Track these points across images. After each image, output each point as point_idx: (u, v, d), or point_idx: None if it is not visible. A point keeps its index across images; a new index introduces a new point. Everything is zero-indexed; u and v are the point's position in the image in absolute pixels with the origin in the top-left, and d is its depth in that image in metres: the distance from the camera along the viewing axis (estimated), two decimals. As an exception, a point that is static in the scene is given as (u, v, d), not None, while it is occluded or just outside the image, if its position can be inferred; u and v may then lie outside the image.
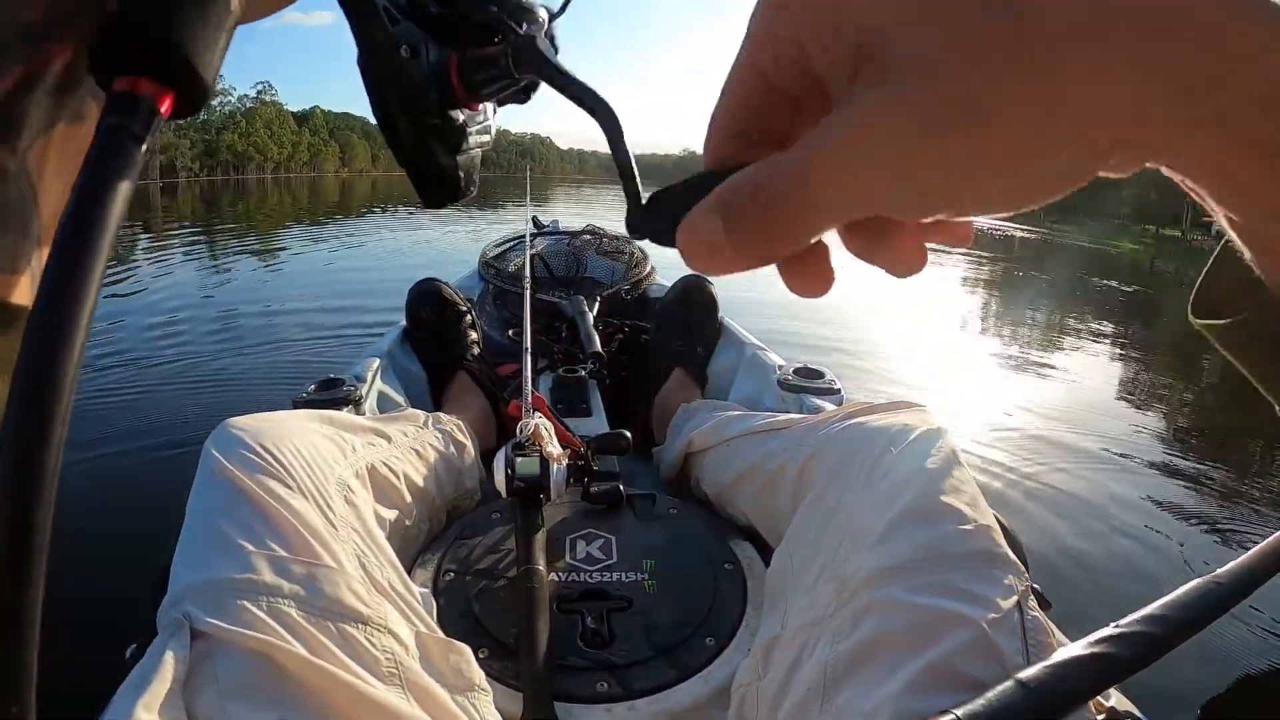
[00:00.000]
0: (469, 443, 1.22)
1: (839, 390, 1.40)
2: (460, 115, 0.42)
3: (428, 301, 1.61)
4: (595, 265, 2.31)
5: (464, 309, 1.64)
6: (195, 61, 0.22)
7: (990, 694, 0.53)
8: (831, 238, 0.23)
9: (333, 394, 1.30)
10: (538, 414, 1.11)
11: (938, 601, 0.60)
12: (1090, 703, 0.57)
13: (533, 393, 1.20)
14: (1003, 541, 0.67)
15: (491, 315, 2.13)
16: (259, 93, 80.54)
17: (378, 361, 1.46)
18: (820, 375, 1.44)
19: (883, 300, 6.59)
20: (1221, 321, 0.27)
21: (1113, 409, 4.22)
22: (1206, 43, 0.17)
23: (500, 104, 0.45)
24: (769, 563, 0.89)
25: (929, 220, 0.22)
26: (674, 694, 0.80)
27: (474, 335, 1.62)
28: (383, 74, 0.38)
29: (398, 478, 0.95)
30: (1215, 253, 0.28)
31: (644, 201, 0.27)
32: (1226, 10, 0.17)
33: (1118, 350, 6.48)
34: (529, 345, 1.37)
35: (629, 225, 0.27)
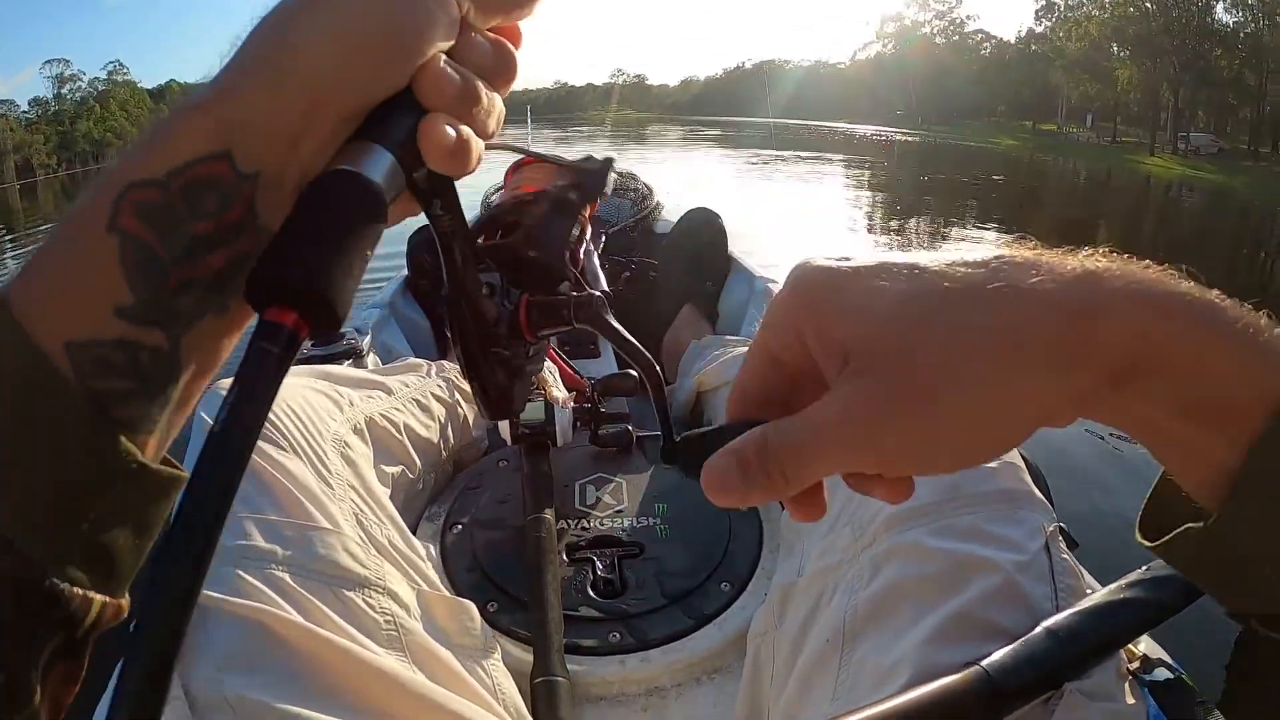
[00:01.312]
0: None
1: None
2: (523, 347, 0.48)
3: (429, 248, 1.56)
4: (600, 203, 2.24)
5: None
6: (336, 303, 0.27)
7: (1018, 643, 0.51)
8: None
9: (332, 348, 1.26)
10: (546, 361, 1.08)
11: (961, 546, 0.57)
12: (1121, 650, 0.54)
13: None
14: (1028, 479, 0.64)
15: None
16: (110, 73, 73.93)
17: (379, 313, 1.42)
18: None
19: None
20: (1164, 540, 0.30)
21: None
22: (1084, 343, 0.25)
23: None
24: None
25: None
26: (688, 643, 0.78)
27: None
28: (466, 308, 0.43)
29: (399, 430, 0.92)
30: (1153, 486, 0.32)
31: (676, 439, 0.35)
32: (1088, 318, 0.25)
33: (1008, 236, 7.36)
34: None
35: (664, 455, 0.39)
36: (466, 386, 1.15)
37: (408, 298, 1.61)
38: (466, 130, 0.32)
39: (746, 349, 1.14)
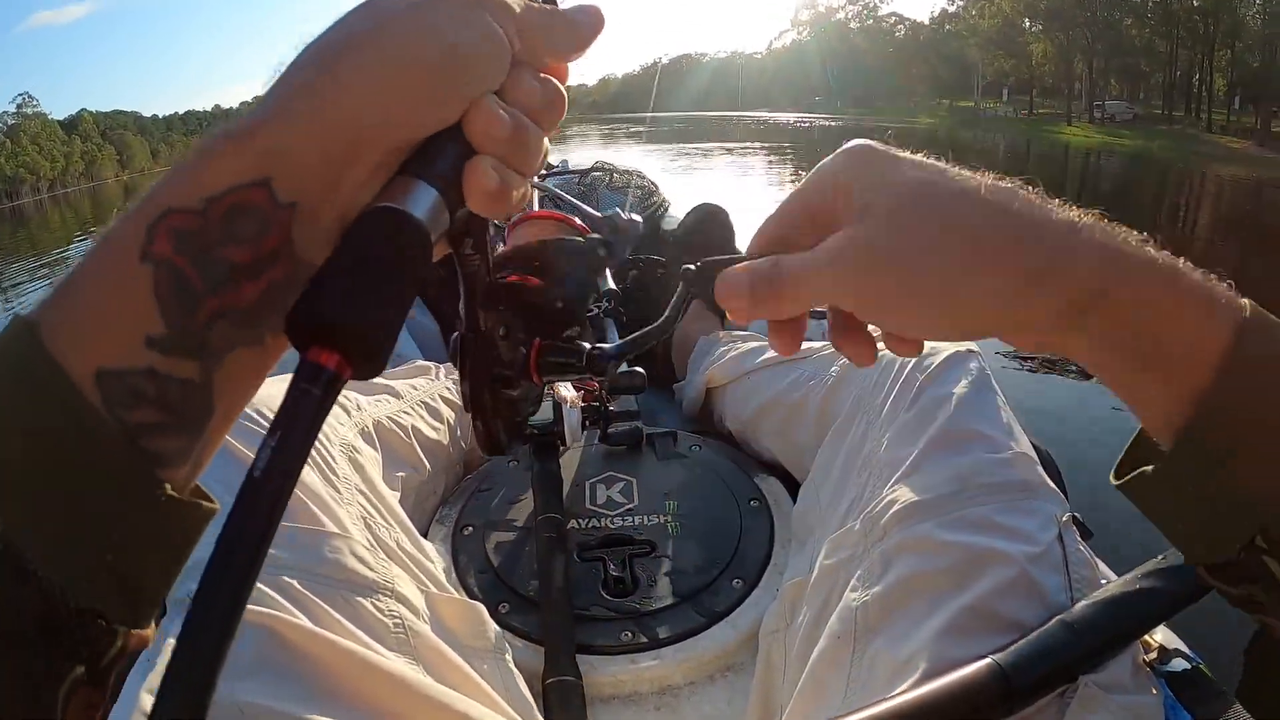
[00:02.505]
0: None
1: None
2: (526, 387, 0.48)
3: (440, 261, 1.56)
4: (606, 201, 2.23)
5: None
6: (380, 345, 0.27)
7: (1033, 636, 0.50)
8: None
9: None
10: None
11: (973, 538, 0.56)
12: (1138, 641, 0.54)
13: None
14: (1040, 469, 0.63)
15: None
16: (19, 106, 72.29)
17: None
18: None
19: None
20: (1125, 479, 0.33)
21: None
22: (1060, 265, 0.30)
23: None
24: (796, 498, 0.85)
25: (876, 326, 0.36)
26: (700, 641, 0.78)
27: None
28: (482, 350, 0.44)
29: (407, 433, 0.93)
30: (1132, 438, 0.35)
31: (697, 264, 0.39)
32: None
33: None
34: None
35: (683, 274, 0.39)
36: None
37: (418, 303, 1.61)
38: (510, 174, 0.31)
39: (756, 345, 1.14)
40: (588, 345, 0.48)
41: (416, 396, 1.01)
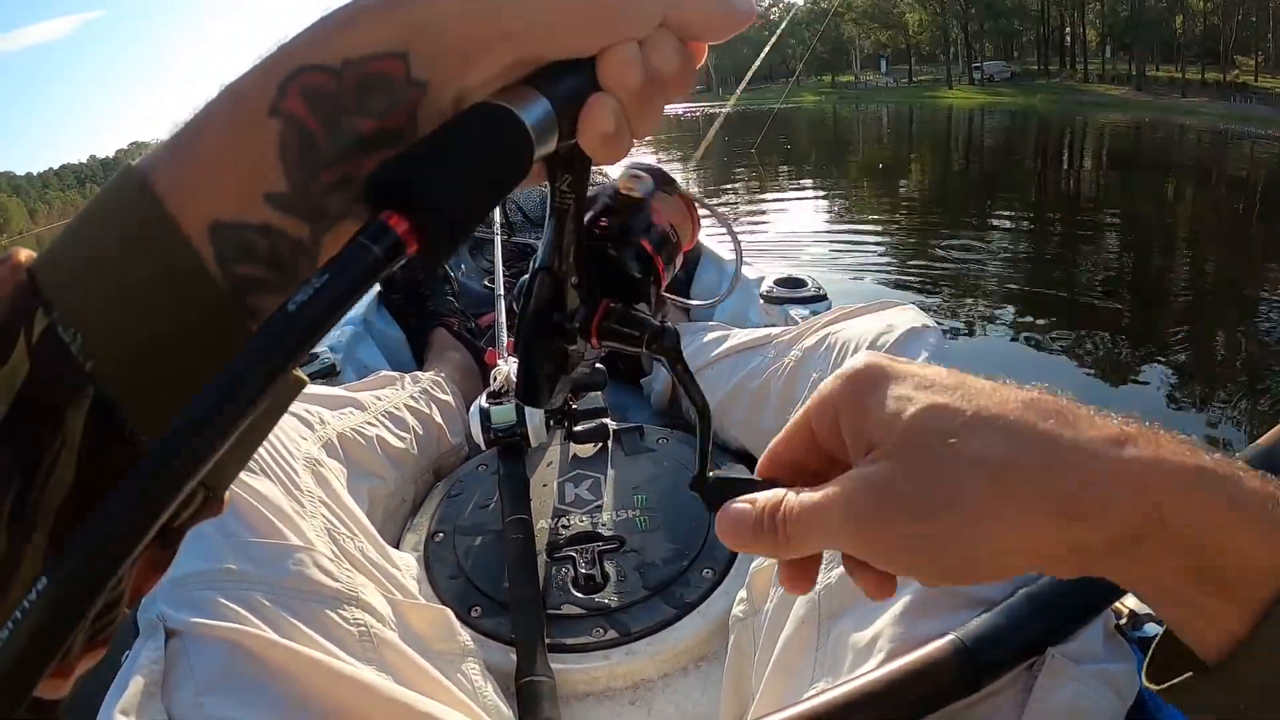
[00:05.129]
0: (451, 398, 1.18)
1: (825, 296, 1.35)
2: (582, 346, 0.47)
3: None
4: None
5: None
6: (455, 227, 0.26)
7: (995, 611, 0.50)
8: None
9: (307, 367, 1.24)
10: (512, 359, 1.06)
11: None
12: (1110, 608, 0.54)
13: (508, 339, 1.16)
14: None
15: (470, 265, 2.07)
16: None
17: (352, 329, 1.40)
18: (803, 284, 1.38)
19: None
20: (1168, 684, 0.30)
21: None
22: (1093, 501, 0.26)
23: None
24: None
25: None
26: (673, 632, 0.77)
27: (450, 288, 1.57)
28: (551, 288, 0.43)
29: (373, 444, 0.92)
30: (1156, 642, 0.32)
31: (708, 475, 0.37)
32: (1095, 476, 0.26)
33: (819, 193, 8.39)
34: (502, 291, 1.34)
35: (692, 482, 0.37)
36: (442, 396, 1.15)
37: (382, 313, 1.59)
38: (627, 124, 0.31)
39: (719, 334, 1.14)
40: (655, 321, 0.46)
41: (381, 407, 1.01)
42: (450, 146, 0.27)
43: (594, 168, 0.38)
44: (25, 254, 0.25)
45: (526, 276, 0.43)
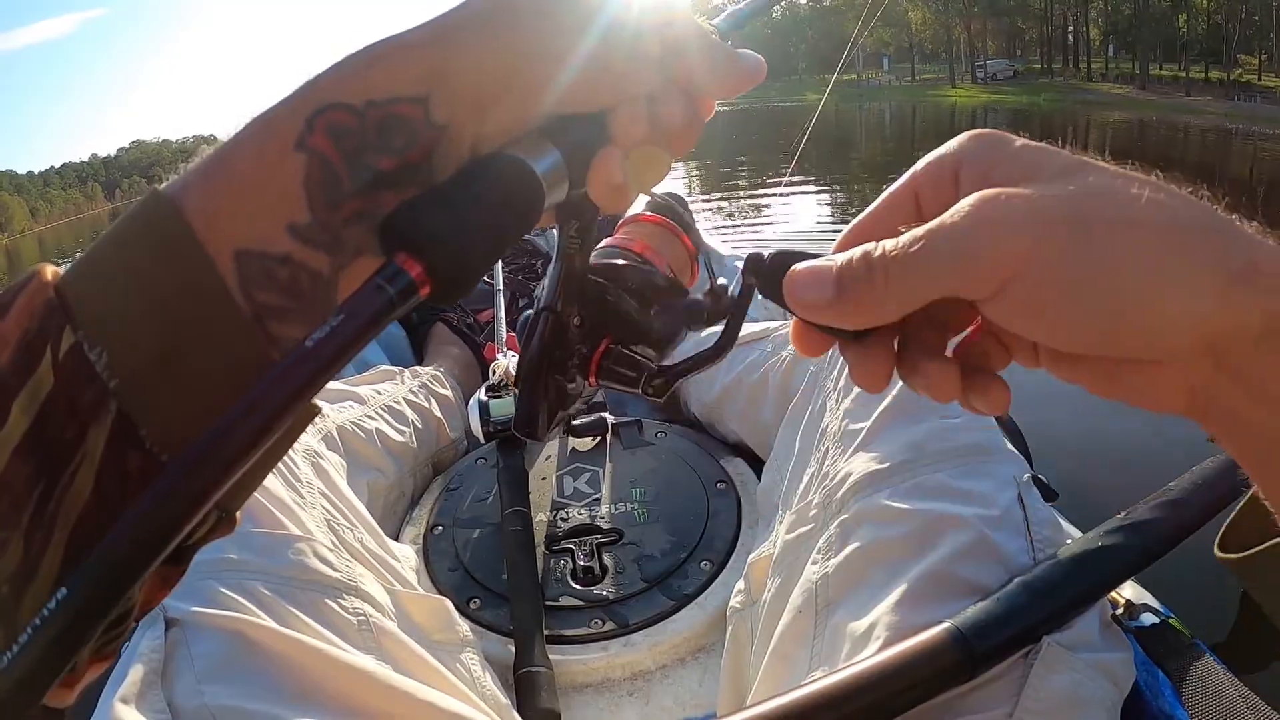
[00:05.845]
0: (450, 392, 1.19)
1: None
2: (580, 384, 0.48)
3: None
4: None
5: None
6: (466, 272, 0.27)
7: (990, 599, 0.50)
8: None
9: None
10: (511, 353, 1.07)
11: (929, 504, 0.56)
12: (1106, 597, 0.53)
13: (506, 333, 1.16)
14: (998, 432, 0.63)
15: None
16: None
17: None
18: None
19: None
20: (1242, 554, 0.25)
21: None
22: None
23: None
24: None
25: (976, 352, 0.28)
26: (670, 624, 0.77)
27: None
28: (554, 329, 0.44)
29: (372, 437, 0.93)
30: (1244, 500, 0.26)
31: (766, 258, 0.31)
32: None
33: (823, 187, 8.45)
34: (500, 286, 1.34)
35: (748, 264, 0.33)
36: (441, 390, 1.15)
37: None
38: (634, 176, 0.32)
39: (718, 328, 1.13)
40: (653, 365, 0.48)
41: (380, 401, 1.01)
42: (464, 193, 0.28)
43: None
44: (52, 270, 0.25)
45: (530, 313, 0.45)
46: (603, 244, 0.54)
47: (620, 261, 0.52)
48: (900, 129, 20.90)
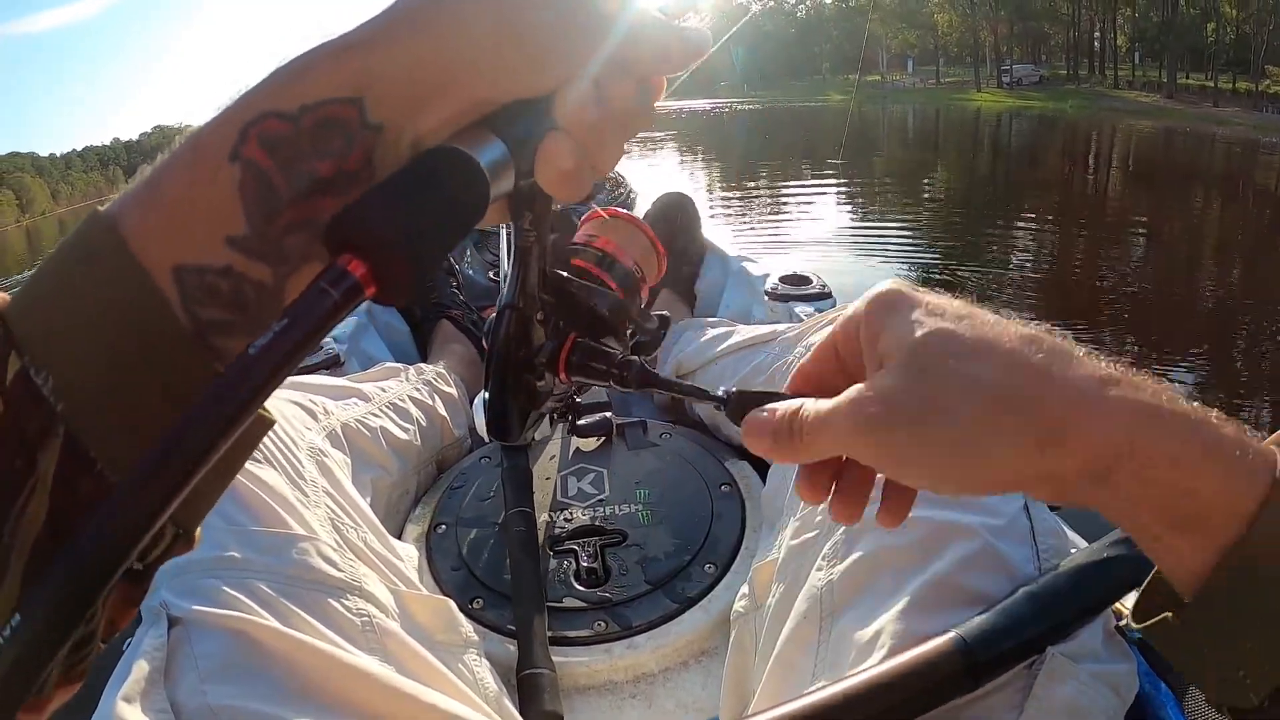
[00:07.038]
0: (454, 390, 1.18)
1: (830, 294, 1.34)
2: (550, 381, 0.48)
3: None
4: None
5: None
6: (413, 271, 0.26)
7: (996, 609, 0.49)
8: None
9: (311, 358, 1.24)
10: None
11: (936, 513, 0.55)
12: (1110, 608, 0.53)
13: None
14: None
15: (474, 258, 2.07)
16: None
17: (356, 320, 1.41)
18: (808, 281, 1.37)
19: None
20: (1146, 624, 0.32)
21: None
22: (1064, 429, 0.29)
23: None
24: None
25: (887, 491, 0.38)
26: (674, 627, 0.77)
27: (454, 281, 1.56)
28: (517, 326, 0.44)
29: (376, 435, 0.93)
30: (1148, 579, 0.34)
31: (733, 390, 0.40)
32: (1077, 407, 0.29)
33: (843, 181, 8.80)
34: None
35: (723, 401, 0.40)
36: (445, 388, 1.15)
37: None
38: (586, 161, 0.32)
39: (723, 330, 1.13)
40: (620, 354, 0.48)
41: (385, 398, 1.01)
42: (405, 190, 0.28)
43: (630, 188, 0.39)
44: (1, 297, 0.25)
45: (493, 315, 0.44)
46: (570, 241, 0.54)
47: (582, 254, 0.52)
48: (923, 133, 20.66)
